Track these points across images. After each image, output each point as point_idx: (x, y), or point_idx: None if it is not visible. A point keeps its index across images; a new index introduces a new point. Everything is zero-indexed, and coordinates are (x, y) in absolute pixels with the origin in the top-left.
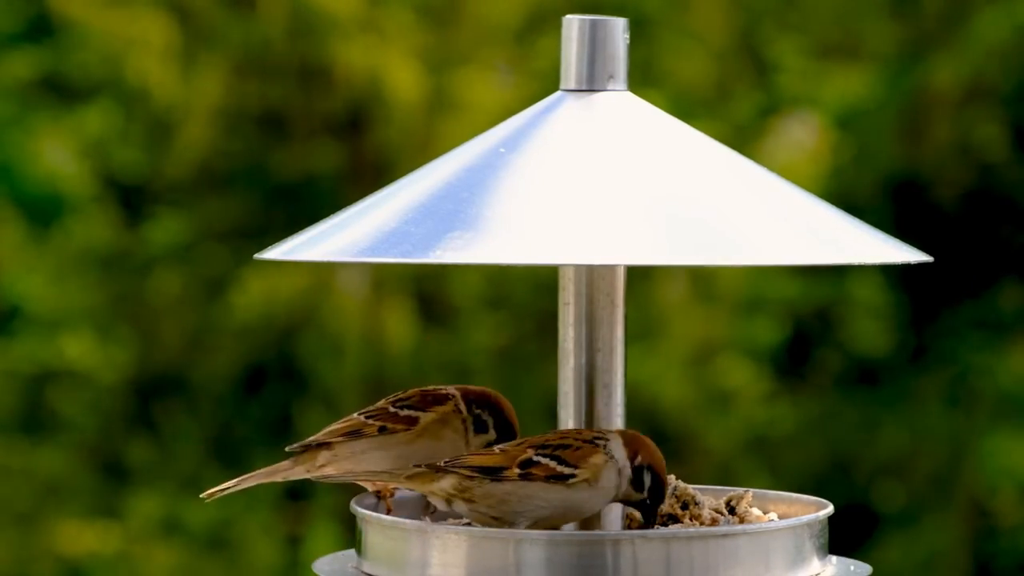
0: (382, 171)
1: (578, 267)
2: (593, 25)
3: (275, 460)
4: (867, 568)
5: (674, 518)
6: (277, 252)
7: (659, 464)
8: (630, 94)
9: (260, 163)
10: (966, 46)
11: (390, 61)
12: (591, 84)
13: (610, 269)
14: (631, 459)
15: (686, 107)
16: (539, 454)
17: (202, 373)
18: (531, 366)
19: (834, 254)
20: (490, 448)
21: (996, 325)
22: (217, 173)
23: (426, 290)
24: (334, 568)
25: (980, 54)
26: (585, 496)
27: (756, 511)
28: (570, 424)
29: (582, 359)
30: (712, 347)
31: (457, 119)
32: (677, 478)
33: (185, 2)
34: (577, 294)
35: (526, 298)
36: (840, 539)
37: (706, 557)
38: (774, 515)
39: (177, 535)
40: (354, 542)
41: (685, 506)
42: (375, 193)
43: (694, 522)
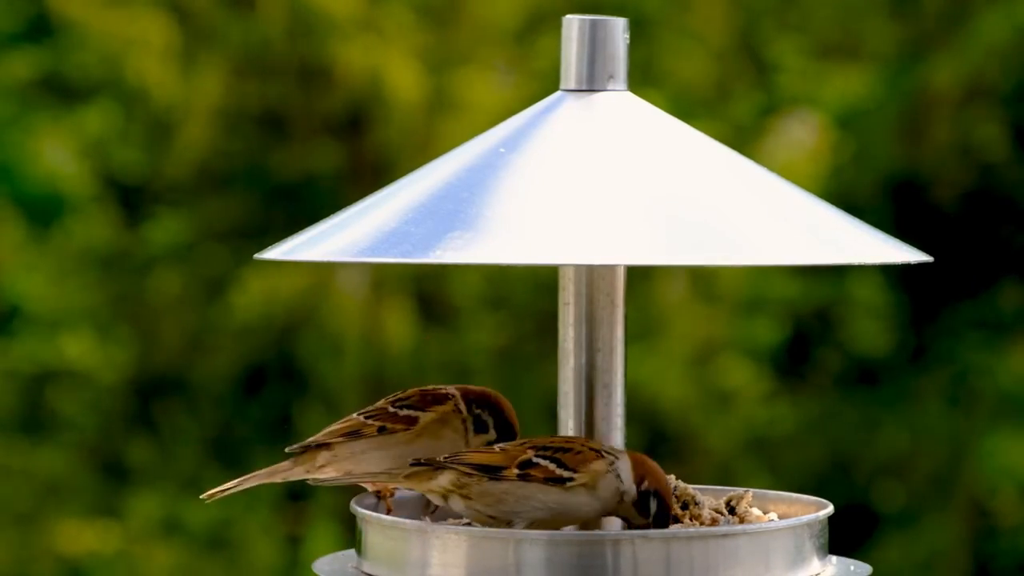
0: (382, 171)
1: (578, 267)
2: (593, 25)
3: (275, 460)
4: (867, 568)
5: (674, 518)
6: (277, 252)
7: (665, 490)
8: (630, 94)
9: (260, 163)
10: (966, 46)
11: (390, 61)
12: (591, 84)
13: (610, 269)
14: (637, 483)
15: (686, 107)
16: (539, 455)
17: (202, 373)
18: (531, 366)
19: (834, 254)
20: (490, 447)
21: (996, 325)
22: (217, 173)
23: (426, 290)
24: (334, 568)
25: (980, 54)
26: (582, 501)
27: (756, 511)
28: (570, 424)
29: (582, 359)
30: (712, 347)
31: (457, 119)
32: (677, 478)
33: (185, 2)
34: (577, 294)
35: (526, 298)
36: (840, 539)
37: (706, 557)
38: (774, 515)
39: (177, 535)
40: (354, 542)
41: (685, 506)
42: (375, 193)
43: (694, 522)
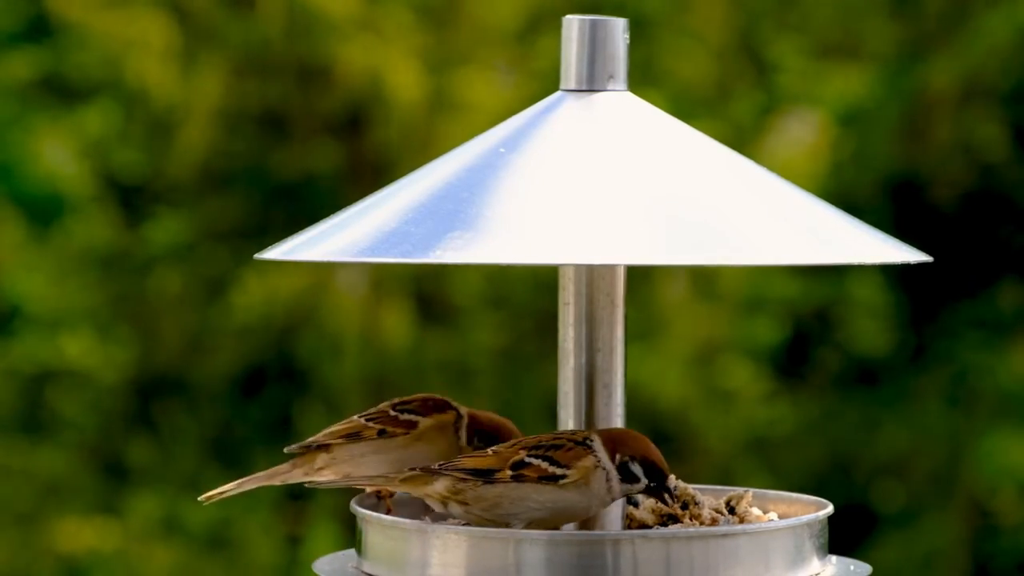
0: (382, 171)
1: (578, 267)
2: (593, 25)
3: (275, 460)
4: (867, 568)
5: (674, 518)
6: (277, 252)
7: (642, 449)
8: (630, 94)
9: (260, 163)
10: (966, 46)
11: (390, 61)
12: (591, 84)
13: (610, 269)
14: (612, 458)
15: (686, 107)
16: (531, 455)
17: (202, 373)
18: (531, 366)
19: (834, 254)
20: (483, 450)
21: (995, 325)
22: (217, 173)
23: (426, 290)
24: (334, 568)
25: (980, 54)
26: (577, 497)
27: (756, 511)
28: (570, 424)
29: (582, 359)
30: (712, 347)
31: (457, 119)
32: (677, 478)
33: (185, 2)
34: (577, 294)
35: (526, 298)
36: (840, 539)
37: (706, 557)
38: (774, 515)
39: (177, 535)
40: (354, 542)
41: (685, 506)
42: (375, 193)
43: (694, 522)
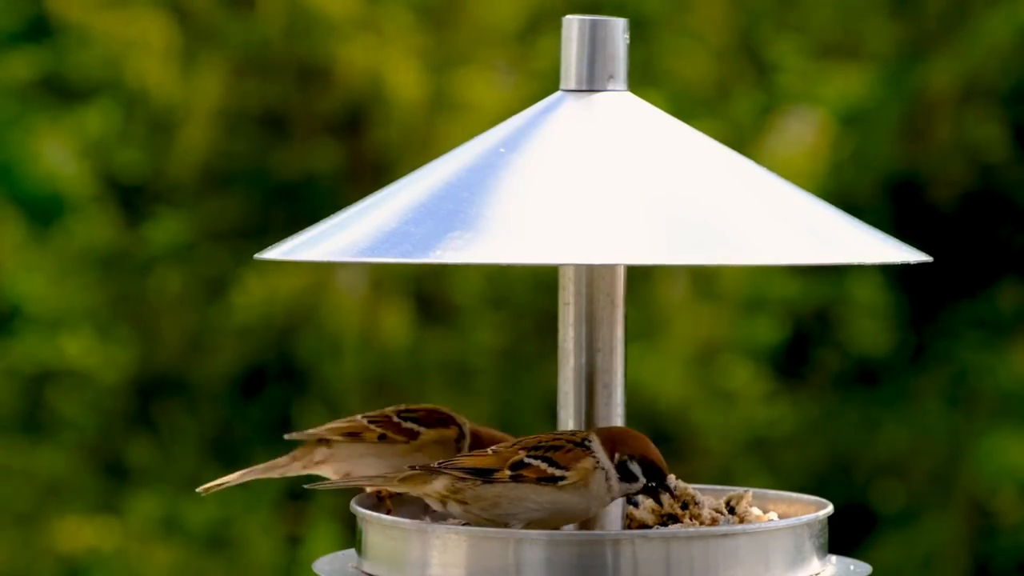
0: (382, 171)
1: (578, 267)
2: (593, 25)
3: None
4: (867, 568)
5: (674, 518)
6: (277, 252)
7: (641, 449)
8: (630, 94)
9: (260, 163)
10: (966, 46)
11: (390, 61)
12: (591, 84)
13: (610, 269)
14: (611, 457)
15: (686, 107)
16: (531, 456)
17: (202, 373)
18: (531, 366)
19: (834, 254)
20: (483, 450)
21: (995, 325)
22: (217, 173)
23: (426, 290)
24: (334, 568)
25: (980, 54)
26: (576, 499)
27: (756, 511)
28: (570, 424)
29: (582, 359)
30: (712, 347)
31: (457, 119)
32: (677, 478)
33: (184, 2)
34: (577, 294)
35: (526, 298)
36: (840, 538)
37: (706, 557)
38: (774, 515)
39: (177, 535)
40: (354, 542)
41: (685, 506)
42: (375, 193)
43: (694, 522)
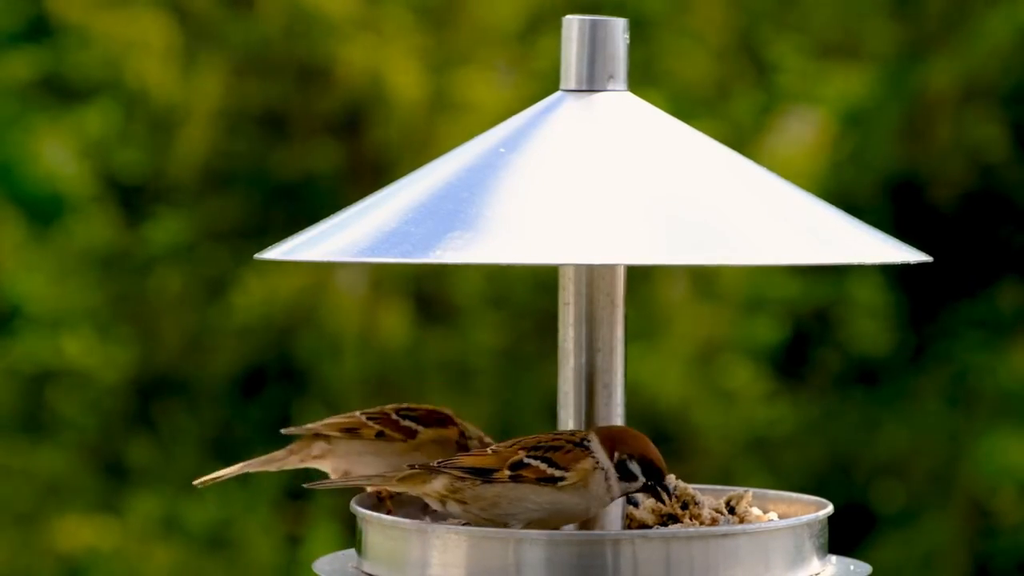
0: (382, 171)
1: (578, 267)
2: (593, 25)
3: None
4: (867, 568)
5: (674, 518)
6: (277, 252)
7: (640, 448)
8: (630, 94)
9: (260, 163)
10: (966, 46)
11: (390, 61)
12: (591, 84)
13: (610, 269)
14: (610, 456)
15: (686, 107)
16: (530, 456)
17: (202, 373)
18: (531, 366)
19: (834, 254)
20: (482, 449)
21: (995, 325)
22: (217, 173)
23: (426, 290)
24: (334, 568)
25: (980, 54)
26: (575, 500)
27: (756, 511)
28: (570, 424)
29: (582, 359)
30: (712, 347)
31: (457, 119)
32: (677, 478)
33: (184, 2)
34: (577, 294)
35: (526, 298)
36: (840, 539)
37: (706, 557)
38: (774, 515)
39: (177, 535)
40: (354, 542)
41: (685, 506)
42: (375, 193)
43: (694, 522)
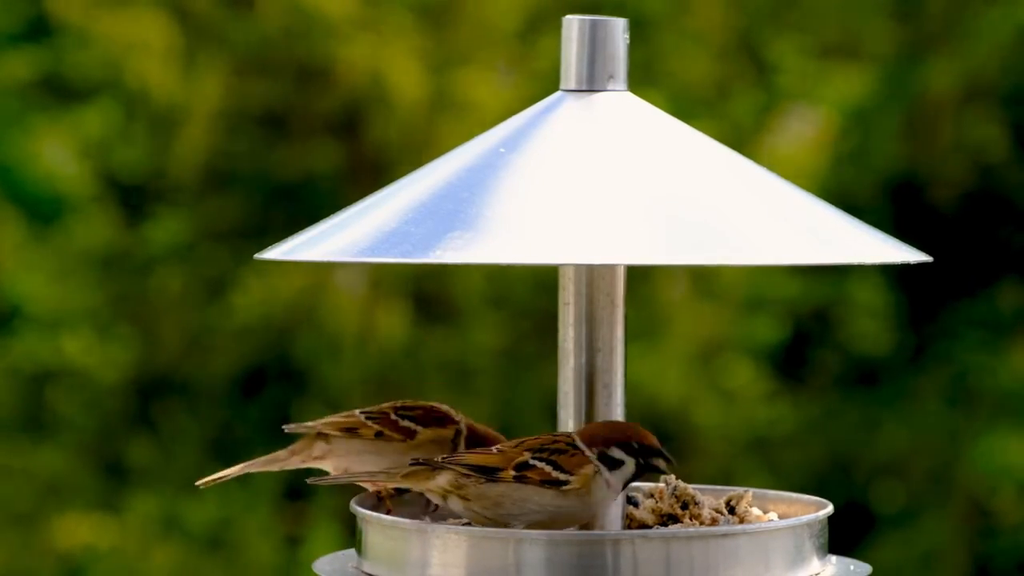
0: (382, 171)
1: (578, 267)
2: (593, 25)
3: None
4: (867, 568)
5: (674, 518)
6: (277, 252)
7: (617, 434)
8: (630, 94)
9: (260, 163)
10: (966, 47)
11: (390, 61)
12: (591, 84)
13: (610, 269)
14: (595, 453)
15: (686, 107)
16: (535, 457)
17: (202, 373)
18: (531, 366)
19: (834, 254)
20: (487, 448)
21: (995, 325)
22: (217, 173)
23: (426, 290)
24: (334, 568)
25: (980, 55)
26: (578, 504)
27: (756, 511)
28: (570, 424)
29: (582, 359)
30: (712, 347)
31: (457, 119)
32: (677, 478)
33: (185, 3)
34: (577, 294)
35: (526, 298)
36: (840, 539)
37: (706, 557)
38: (774, 515)
39: (177, 535)
40: (354, 542)
41: (685, 506)
42: (375, 193)
43: (694, 522)
